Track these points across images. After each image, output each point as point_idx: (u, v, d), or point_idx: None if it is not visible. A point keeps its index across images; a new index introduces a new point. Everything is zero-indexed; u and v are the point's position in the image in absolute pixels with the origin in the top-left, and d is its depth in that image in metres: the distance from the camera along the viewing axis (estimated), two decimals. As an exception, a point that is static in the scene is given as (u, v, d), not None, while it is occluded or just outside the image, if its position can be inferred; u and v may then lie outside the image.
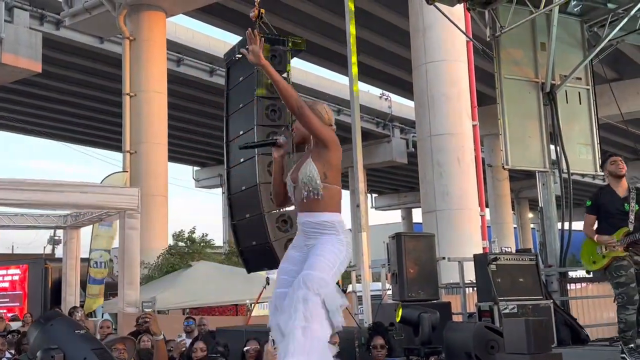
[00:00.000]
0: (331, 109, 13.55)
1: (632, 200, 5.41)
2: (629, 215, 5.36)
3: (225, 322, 10.22)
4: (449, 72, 15.30)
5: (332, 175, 3.41)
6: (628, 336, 5.23)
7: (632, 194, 5.47)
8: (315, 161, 3.40)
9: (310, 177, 3.36)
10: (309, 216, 3.40)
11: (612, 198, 5.56)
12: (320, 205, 3.39)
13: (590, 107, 8.69)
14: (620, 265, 5.29)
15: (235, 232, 8.32)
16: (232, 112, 8.25)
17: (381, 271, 9.63)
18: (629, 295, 5.23)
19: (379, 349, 5.48)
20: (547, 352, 5.14)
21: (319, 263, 3.28)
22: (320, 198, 3.37)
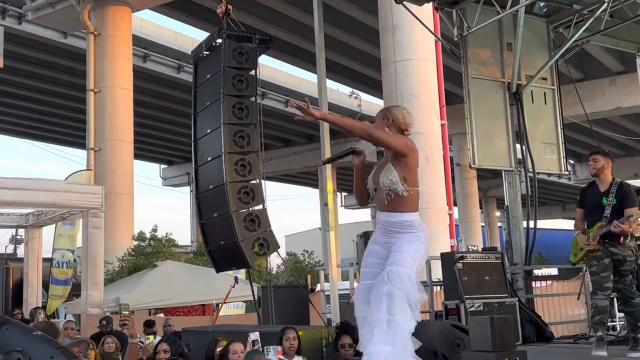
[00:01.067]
0: (300, 107, 13.10)
1: (611, 194, 5.52)
2: (605, 209, 5.47)
3: (192, 323, 10.16)
4: (418, 71, 15.43)
5: (411, 177, 3.71)
6: (596, 320, 5.43)
7: (612, 188, 5.56)
8: (395, 166, 3.71)
9: (392, 181, 3.67)
10: (389, 216, 3.70)
11: (592, 192, 5.70)
12: (400, 206, 3.68)
13: (555, 107, 8.86)
14: (594, 256, 5.50)
15: (204, 232, 8.28)
16: (200, 110, 8.19)
17: (349, 270, 9.68)
18: (598, 283, 5.46)
19: (347, 348, 5.50)
20: (511, 349, 5.22)
21: (402, 259, 3.54)
22: (400, 197, 3.66)
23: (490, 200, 36.97)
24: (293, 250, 30.68)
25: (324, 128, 7.93)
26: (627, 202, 5.45)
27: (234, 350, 4.96)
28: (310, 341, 5.70)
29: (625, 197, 5.46)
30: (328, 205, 7.97)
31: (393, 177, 3.66)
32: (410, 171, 3.71)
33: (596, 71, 21.25)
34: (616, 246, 5.45)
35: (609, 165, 5.68)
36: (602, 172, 5.64)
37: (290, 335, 5.25)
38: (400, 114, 3.87)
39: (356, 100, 28.85)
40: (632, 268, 5.44)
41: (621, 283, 5.46)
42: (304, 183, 39.41)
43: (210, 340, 5.75)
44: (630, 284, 5.43)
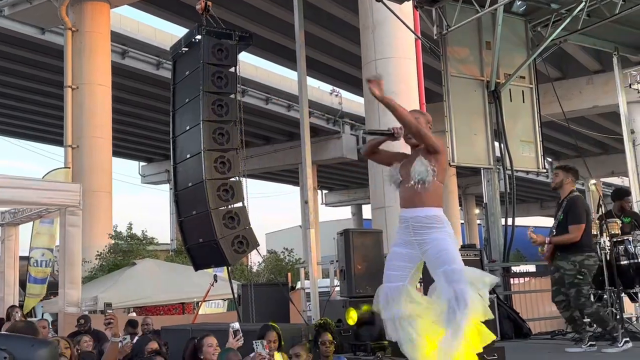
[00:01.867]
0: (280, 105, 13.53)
1: (562, 209, 5.66)
2: (554, 224, 5.62)
3: (172, 321, 10.09)
4: (398, 69, 15.48)
5: (439, 173, 3.81)
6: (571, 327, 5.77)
7: (564, 202, 5.73)
8: (428, 159, 3.80)
9: (425, 170, 3.75)
10: (417, 211, 3.76)
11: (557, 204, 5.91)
12: (426, 200, 3.76)
13: (533, 106, 8.96)
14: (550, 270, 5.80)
15: (182, 229, 8.23)
16: (179, 106, 8.14)
17: (330, 267, 9.70)
18: (552, 296, 5.83)
19: (327, 344, 5.50)
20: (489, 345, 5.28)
21: (448, 256, 3.61)
22: (429, 190, 3.74)
23: (469, 197, 37.26)
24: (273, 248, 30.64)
25: (305, 126, 7.92)
26: (570, 217, 5.58)
27: (208, 343, 4.91)
28: (290, 339, 5.70)
29: (569, 213, 5.59)
30: (308, 202, 7.97)
31: (427, 167, 3.76)
32: (440, 169, 3.82)
33: (574, 70, 21.49)
34: (563, 258, 5.60)
35: (568, 180, 5.82)
36: (561, 186, 5.78)
37: (271, 338, 5.18)
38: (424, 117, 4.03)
39: (337, 98, 28.85)
40: (571, 282, 5.53)
41: (567, 296, 5.62)
42: (285, 181, 39.36)
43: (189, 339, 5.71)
44: (577, 297, 5.52)
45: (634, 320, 7.42)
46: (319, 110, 27.92)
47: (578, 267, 5.54)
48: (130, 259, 15.42)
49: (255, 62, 25.19)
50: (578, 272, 5.54)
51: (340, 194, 43.33)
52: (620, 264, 6.90)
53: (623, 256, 6.97)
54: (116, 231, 17.70)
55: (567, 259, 5.59)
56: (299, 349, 5.12)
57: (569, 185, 5.81)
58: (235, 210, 7.61)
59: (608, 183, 32.99)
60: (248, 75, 23.07)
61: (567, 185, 5.79)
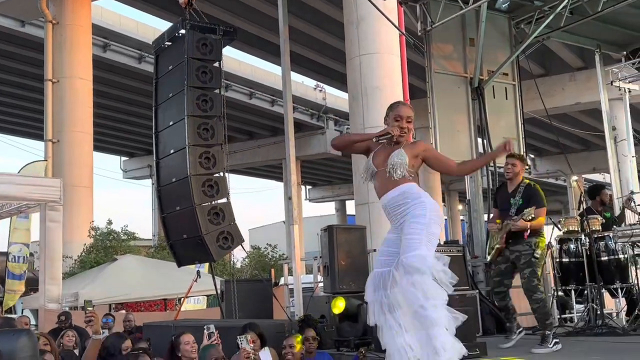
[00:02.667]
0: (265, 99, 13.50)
1: (518, 194, 5.75)
2: (511, 209, 5.71)
3: (154, 318, 10.08)
4: (383, 64, 15.51)
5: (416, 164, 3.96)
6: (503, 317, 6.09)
7: (520, 188, 5.82)
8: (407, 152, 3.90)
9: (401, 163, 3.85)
10: (392, 192, 3.84)
11: (502, 194, 6.02)
12: (399, 181, 3.86)
13: (516, 102, 9.06)
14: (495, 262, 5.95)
15: (165, 225, 8.21)
16: (162, 101, 8.11)
17: (313, 263, 9.73)
18: (492, 286, 6.11)
19: (311, 341, 5.55)
20: (472, 341, 5.36)
21: (411, 243, 3.63)
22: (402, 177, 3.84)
23: (452, 194, 37.48)
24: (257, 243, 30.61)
25: (288, 121, 7.94)
26: (534, 202, 5.69)
27: (185, 341, 4.90)
28: (273, 335, 5.73)
29: (532, 198, 5.69)
30: (292, 198, 7.99)
31: (403, 158, 3.86)
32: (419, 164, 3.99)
33: (556, 67, 21.69)
34: (517, 243, 5.71)
35: (522, 170, 5.98)
36: (516, 176, 5.89)
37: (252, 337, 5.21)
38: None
39: (321, 94, 28.86)
40: (528, 260, 5.65)
41: (521, 277, 5.73)
42: (269, 176, 39.30)
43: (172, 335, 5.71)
44: (530, 278, 5.63)
45: (614, 315, 7.55)
46: (303, 105, 27.90)
47: (534, 247, 5.66)
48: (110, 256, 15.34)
49: (239, 57, 25.10)
50: (534, 252, 5.65)
51: (324, 189, 43.37)
52: (600, 259, 7.03)
53: (604, 252, 7.10)
54: (95, 227, 17.55)
55: (522, 242, 5.70)
56: (293, 340, 5.19)
57: (522, 174, 5.98)
58: (220, 206, 7.62)
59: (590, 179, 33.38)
60: (232, 70, 23.00)
61: (521, 174, 5.95)
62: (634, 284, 7.14)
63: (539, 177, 34.94)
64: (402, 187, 3.84)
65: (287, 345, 5.20)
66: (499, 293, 5.97)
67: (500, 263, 5.91)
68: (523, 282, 5.73)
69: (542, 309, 5.63)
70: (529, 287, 5.65)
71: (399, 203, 3.81)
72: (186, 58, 7.53)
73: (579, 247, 7.12)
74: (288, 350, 5.14)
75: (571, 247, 7.26)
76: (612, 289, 7.14)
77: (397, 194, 3.83)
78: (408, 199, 3.79)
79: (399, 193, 3.83)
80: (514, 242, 5.76)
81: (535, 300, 5.63)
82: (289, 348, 5.16)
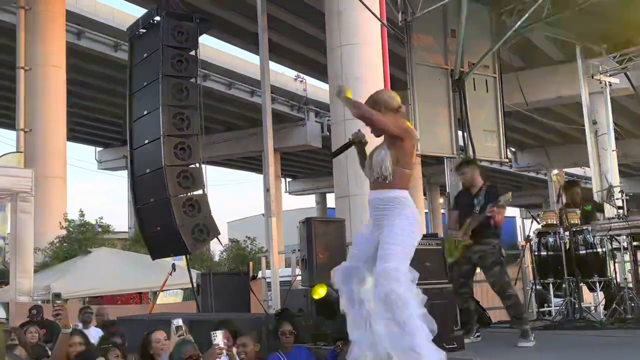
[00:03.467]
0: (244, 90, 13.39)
1: (481, 195, 5.82)
2: (475, 208, 5.76)
3: (128, 312, 10.00)
4: (364, 55, 15.48)
5: (405, 160, 3.84)
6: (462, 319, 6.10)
7: (482, 190, 5.88)
8: (390, 147, 3.83)
9: (382, 161, 3.80)
10: (377, 193, 3.84)
11: (465, 196, 6.06)
12: (390, 184, 3.81)
13: (497, 95, 9.09)
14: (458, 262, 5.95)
15: (139, 217, 8.15)
16: (136, 90, 8.04)
17: (292, 256, 9.71)
18: (454, 287, 6.12)
19: (287, 335, 5.53)
20: (450, 334, 5.40)
21: (387, 253, 3.63)
22: (390, 180, 3.79)
23: (433, 187, 37.70)
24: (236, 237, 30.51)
25: (267, 112, 7.90)
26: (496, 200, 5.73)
27: (156, 338, 4.86)
28: (250, 329, 5.71)
29: (495, 196, 5.75)
30: (270, 191, 7.96)
31: (384, 158, 3.80)
32: (405, 154, 3.84)
33: (538, 59, 21.82)
34: (480, 243, 5.73)
35: (476, 171, 6.03)
36: (473, 180, 5.97)
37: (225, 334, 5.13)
38: (387, 96, 4.03)
39: (301, 84, 28.77)
40: (496, 259, 5.68)
41: (490, 277, 5.75)
42: (247, 168, 39.18)
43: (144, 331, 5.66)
44: (501, 275, 5.67)
45: (592, 309, 7.65)
46: (283, 96, 27.79)
47: (498, 247, 5.72)
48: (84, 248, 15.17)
49: (217, 46, 24.94)
50: (500, 250, 5.70)
51: (305, 182, 43.38)
52: (579, 253, 7.11)
53: (582, 246, 7.18)
54: (68, 220, 17.33)
55: (485, 242, 5.74)
56: (245, 339, 5.13)
57: (479, 176, 6.01)
58: (196, 198, 7.58)
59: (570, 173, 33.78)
60: (209, 59, 22.82)
61: (477, 177, 5.99)
62: (612, 278, 7.24)
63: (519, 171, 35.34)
64: (390, 194, 3.79)
65: (240, 345, 5.06)
66: (464, 294, 5.99)
67: (463, 264, 5.92)
68: (494, 280, 5.72)
69: (516, 305, 5.67)
70: (501, 284, 5.67)
71: (383, 206, 3.80)
72: (161, 46, 7.45)
73: (558, 241, 7.20)
74: (241, 350, 5.01)
75: (550, 240, 7.34)
76: (591, 282, 7.23)
77: (380, 198, 3.80)
78: (394, 207, 3.76)
79: (382, 198, 3.80)
80: (476, 243, 5.78)
81: (508, 297, 5.66)
82: (242, 347, 5.04)
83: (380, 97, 4.00)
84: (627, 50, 10.01)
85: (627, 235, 6.58)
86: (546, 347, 5.53)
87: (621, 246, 7.12)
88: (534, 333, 5.59)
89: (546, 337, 5.98)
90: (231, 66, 25.35)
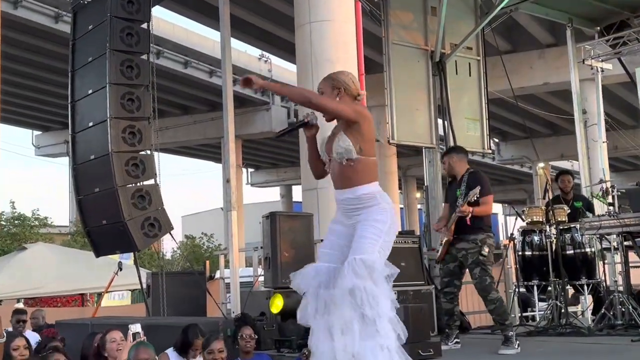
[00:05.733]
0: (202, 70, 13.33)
1: (463, 184, 5.89)
2: (458, 200, 5.84)
3: (69, 315, 9.89)
4: (336, 34, 15.32)
5: (366, 147, 3.76)
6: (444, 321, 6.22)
7: (464, 177, 5.99)
8: (348, 135, 3.74)
9: (346, 149, 3.71)
10: (348, 192, 3.76)
11: (450, 187, 6.19)
12: (357, 179, 3.74)
13: (480, 80, 9.17)
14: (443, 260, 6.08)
15: (82, 209, 8.03)
16: (79, 66, 7.90)
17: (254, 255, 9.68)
18: (440, 286, 6.22)
19: (248, 339, 5.50)
20: (425, 340, 5.45)
21: (362, 245, 3.61)
22: (356, 167, 3.72)
23: (410, 180, 37.93)
24: (191, 232, 30.31)
25: (227, 95, 7.83)
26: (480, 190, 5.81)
27: (112, 338, 4.85)
28: (207, 334, 5.66)
29: (475, 184, 5.83)
30: (230, 181, 7.91)
31: (347, 144, 3.71)
32: (365, 141, 3.76)
33: (524, 43, 22.07)
34: (463, 240, 5.85)
35: (454, 159, 6.13)
36: (452, 169, 6.08)
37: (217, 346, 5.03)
38: (349, 79, 3.96)
39: (266, 65, 28.63)
40: (475, 259, 5.78)
41: (472, 277, 5.89)
42: (205, 157, 38.88)
43: (88, 334, 5.60)
44: (481, 277, 5.76)
45: (579, 314, 7.77)
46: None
47: (480, 244, 5.79)
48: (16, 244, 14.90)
49: (172, 19, 24.59)
50: (480, 249, 5.78)
51: (268, 173, 43.24)
52: (565, 253, 7.21)
53: (569, 245, 7.30)
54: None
55: (467, 239, 5.84)
56: (219, 344, 5.10)
57: (462, 163, 6.11)
58: (146, 189, 7.49)
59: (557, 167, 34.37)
60: (163, 34, 22.53)
61: (458, 164, 6.09)
62: (601, 280, 7.37)
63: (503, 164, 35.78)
64: (360, 190, 3.74)
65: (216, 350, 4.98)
66: (448, 294, 6.08)
67: (449, 262, 6.02)
68: (475, 282, 5.85)
69: (499, 309, 5.75)
70: (482, 287, 5.76)
71: (355, 206, 3.76)
72: (109, 17, 7.32)
73: (543, 240, 7.30)
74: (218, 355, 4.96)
75: (535, 239, 7.44)
76: (578, 285, 7.35)
77: (353, 197, 3.75)
78: (367, 203, 3.73)
79: (356, 197, 3.74)
80: (459, 239, 5.88)
81: (491, 301, 5.74)
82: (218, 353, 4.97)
83: (341, 78, 3.94)
84: (621, 33, 10.17)
85: (618, 234, 6.69)
86: (529, 355, 5.62)
87: (611, 246, 7.25)
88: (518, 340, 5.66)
89: (529, 344, 6.07)
90: (187, 42, 25.06)
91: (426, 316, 5.94)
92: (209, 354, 5.02)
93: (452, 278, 6.05)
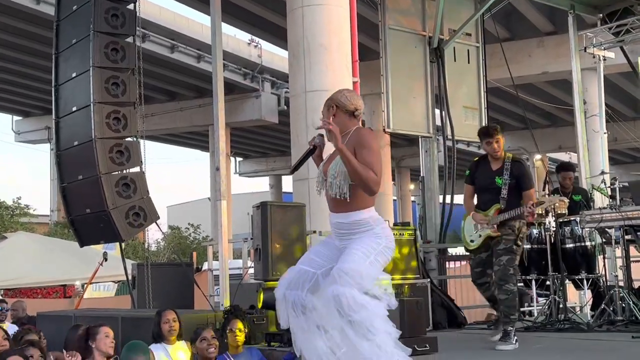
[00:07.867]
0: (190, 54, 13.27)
1: (505, 172, 5.81)
2: (502, 190, 5.77)
3: (51, 306, 9.85)
4: (329, 18, 15.29)
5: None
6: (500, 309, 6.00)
7: (506, 165, 5.87)
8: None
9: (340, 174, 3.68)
10: (341, 217, 3.75)
11: (484, 170, 6.05)
12: (351, 205, 3.71)
13: (479, 67, 9.17)
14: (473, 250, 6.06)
15: (65, 198, 7.98)
16: (63, 49, 7.82)
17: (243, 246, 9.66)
18: (473, 278, 6.21)
19: (237, 333, 5.51)
20: (421, 335, 5.44)
21: (351, 256, 3.61)
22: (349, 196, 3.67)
23: (404, 171, 37.97)
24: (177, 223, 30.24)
25: (217, 80, 7.78)
26: (525, 182, 5.80)
27: (105, 332, 4.87)
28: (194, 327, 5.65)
29: (522, 177, 5.81)
30: (220, 170, 7.86)
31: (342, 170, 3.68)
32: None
33: (523, 30, 22.05)
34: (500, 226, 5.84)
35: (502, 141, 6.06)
36: (499, 152, 5.97)
37: (170, 316, 5.31)
38: (342, 96, 3.93)
39: (256, 50, 28.51)
40: (509, 247, 5.79)
41: (496, 264, 5.84)
42: (193, 145, 38.76)
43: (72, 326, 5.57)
44: (506, 267, 5.77)
45: (578, 309, 7.80)
46: (235, 63, 27.50)
47: (517, 232, 5.78)
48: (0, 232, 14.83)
49: (158, 2, 24.43)
50: (517, 239, 5.79)
51: (257, 162, 43.16)
52: (565, 247, 7.23)
53: (569, 239, 7.32)
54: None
55: (505, 225, 5.81)
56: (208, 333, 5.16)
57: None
58: (131, 177, 7.44)
59: (554, 159, 34.49)
60: (150, 17, 22.38)
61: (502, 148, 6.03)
62: (601, 275, 7.39)
63: (499, 155, 35.81)
64: (353, 216, 3.72)
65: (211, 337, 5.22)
66: (483, 284, 6.09)
67: (481, 252, 5.99)
68: (497, 269, 5.80)
69: (510, 302, 5.76)
70: (503, 275, 5.75)
71: (346, 230, 3.74)
72: (94, -4, 7.23)
73: (542, 233, 7.31)
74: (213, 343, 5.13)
75: (534, 232, 7.45)
76: (577, 279, 7.37)
77: (346, 222, 3.74)
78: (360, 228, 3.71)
79: (348, 222, 3.73)
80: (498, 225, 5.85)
81: (505, 291, 5.74)
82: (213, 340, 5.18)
83: (334, 96, 3.94)
84: (624, 20, 10.16)
85: (620, 227, 6.71)
86: (527, 351, 5.63)
87: (612, 240, 7.27)
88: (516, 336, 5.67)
89: (527, 339, 6.09)
90: (175, 26, 24.91)
91: (422, 310, 5.93)
92: (201, 342, 5.14)
93: (484, 268, 6.05)
